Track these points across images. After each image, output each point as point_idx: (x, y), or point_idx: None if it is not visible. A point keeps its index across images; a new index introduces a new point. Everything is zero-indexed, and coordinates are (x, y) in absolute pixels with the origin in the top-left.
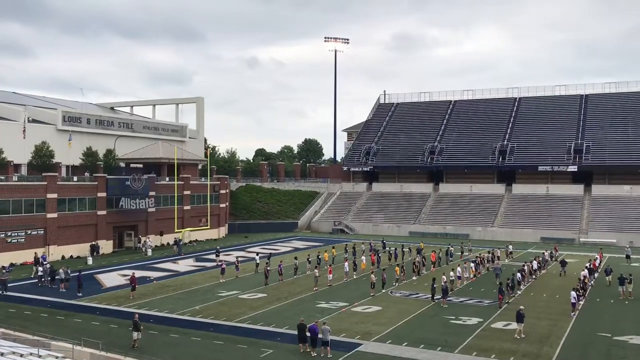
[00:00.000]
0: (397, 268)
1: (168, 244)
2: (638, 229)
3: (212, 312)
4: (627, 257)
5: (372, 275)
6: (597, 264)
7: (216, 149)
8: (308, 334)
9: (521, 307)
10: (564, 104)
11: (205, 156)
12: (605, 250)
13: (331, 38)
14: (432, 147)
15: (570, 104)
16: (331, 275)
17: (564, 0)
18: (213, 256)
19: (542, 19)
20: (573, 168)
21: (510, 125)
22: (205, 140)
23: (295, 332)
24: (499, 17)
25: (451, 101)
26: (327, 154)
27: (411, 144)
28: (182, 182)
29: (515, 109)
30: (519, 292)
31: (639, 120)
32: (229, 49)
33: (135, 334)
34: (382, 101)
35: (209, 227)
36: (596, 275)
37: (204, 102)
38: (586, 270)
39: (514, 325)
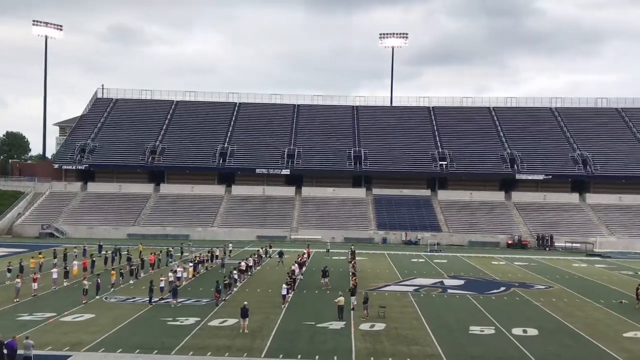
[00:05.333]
0: (113, 272)
1: None
2: (339, 226)
3: None
4: (327, 251)
5: (85, 282)
6: (305, 258)
7: None
8: (5, 351)
9: (245, 302)
10: (279, 112)
11: None
12: (312, 246)
13: (41, 22)
14: (153, 146)
15: (285, 112)
16: (36, 284)
17: (278, 14)
18: None
19: (259, 28)
20: (286, 171)
21: (230, 128)
22: None
23: None
24: (218, 22)
25: (173, 101)
26: (36, 149)
27: (131, 142)
28: None
29: (235, 113)
30: (235, 290)
31: (341, 130)
32: None
33: None
34: (99, 95)
35: None
36: (304, 269)
37: None
38: (296, 265)
39: (230, 322)
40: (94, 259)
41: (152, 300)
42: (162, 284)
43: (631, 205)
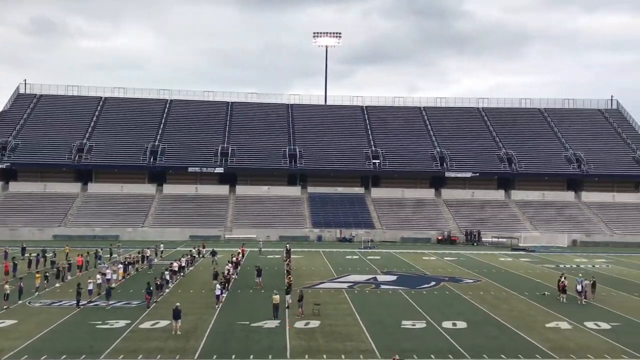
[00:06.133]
0: (37, 275)
1: None
2: (274, 224)
3: None
4: (259, 250)
5: (7, 286)
6: (240, 258)
7: None
8: None
9: (178, 304)
10: (212, 109)
11: None
12: (246, 245)
13: None
14: (80, 144)
15: (218, 110)
16: None
17: (211, 9)
18: None
19: (191, 24)
20: (220, 170)
21: (161, 126)
22: None
23: None
24: (149, 15)
25: (101, 97)
26: None
27: (57, 140)
28: None
29: (166, 110)
30: (167, 291)
31: (276, 129)
32: None
33: None
34: (22, 91)
35: None
36: (239, 269)
37: None
38: (230, 265)
39: (162, 324)
40: (15, 262)
41: (80, 304)
42: (90, 287)
43: (553, 201)
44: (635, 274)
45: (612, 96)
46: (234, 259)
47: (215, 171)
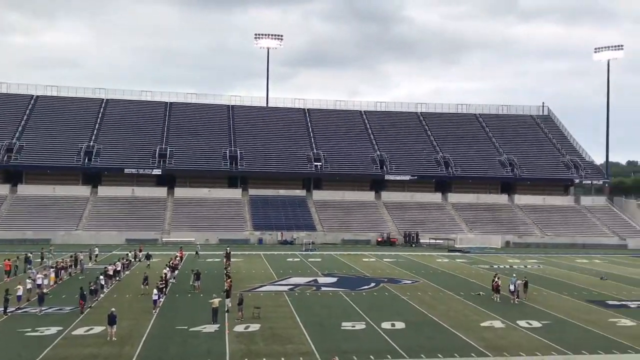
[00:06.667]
0: None
1: None
2: (214, 227)
3: None
4: (197, 253)
5: None
6: (177, 262)
7: None
8: None
9: (113, 309)
10: (150, 110)
11: None
12: (185, 249)
13: None
14: (9, 144)
15: (156, 110)
16: None
17: (150, 7)
18: None
19: (130, 21)
20: (158, 171)
21: (96, 126)
22: None
23: None
24: (85, 12)
25: (33, 96)
26: None
27: None
28: None
29: (102, 110)
30: (102, 296)
31: (216, 130)
32: None
33: None
34: None
35: None
36: (177, 272)
37: None
38: (168, 268)
39: (96, 330)
40: None
41: (8, 311)
42: (19, 293)
43: (487, 204)
44: (565, 274)
45: (543, 103)
46: (172, 262)
47: (152, 173)
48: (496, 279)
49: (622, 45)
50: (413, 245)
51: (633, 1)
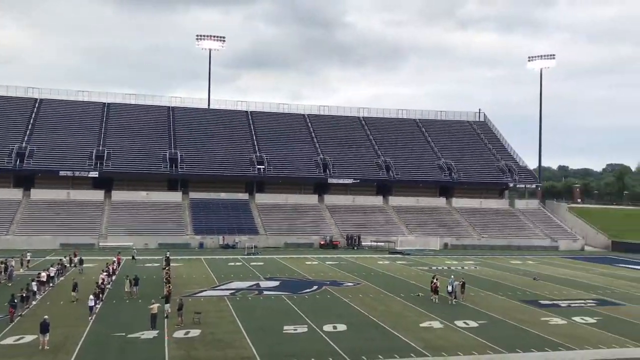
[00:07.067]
0: None
1: None
2: (153, 231)
3: None
4: (133, 257)
5: None
6: (115, 267)
7: None
8: None
9: (46, 316)
10: (86, 110)
11: None
12: (122, 253)
13: None
14: None
15: (93, 111)
16: None
17: (87, 5)
18: None
19: (66, 19)
20: (94, 174)
21: (29, 127)
22: None
23: None
24: (18, 8)
25: None
26: None
27: None
28: None
29: (35, 110)
30: (34, 303)
31: (156, 132)
32: None
33: None
34: None
35: None
36: (114, 277)
37: None
38: (104, 274)
39: (27, 339)
40: None
41: None
42: None
43: (426, 207)
44: (500, 274)
45: (479, 109)
46: (109, 267)
47: (89, 175)
48: (435, 280)
49: (554, 55)
50: (355, 248)
51: (564, 14)
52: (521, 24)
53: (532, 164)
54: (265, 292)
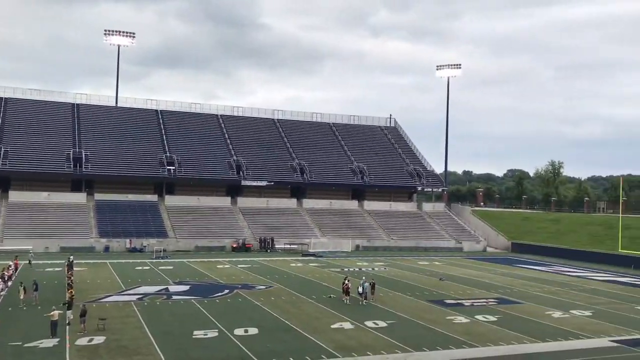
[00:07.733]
0: None
1: None
2: (55, 234)
3: None
4: (29, 262)
5: None
6: (11, 272)
7: None
8: None
9: None
10: None
11: None
12: (20, 258)
13: None
14: None
15: None
16: None
17: None
18: None
19: None
20: None
21: None
22: None
23: None
24: None
25: None
26: None
27: None
28: None
29: None
30: None
31: (59, 129)
32: None
33: None
34: None
35: None
36: (10, 283)
37: None
38: None
39: None
40: None
41: None
42: None
43: (339, 210)
44: (408, 275)
45: (390, 115)
46: (4, 273)
47: None
48: (346, 282)
49: (460, 64)
50: (268, 251)
51: (470, 25)
52: (430, 33)
53: (439, 169)
54: (174, 297)
